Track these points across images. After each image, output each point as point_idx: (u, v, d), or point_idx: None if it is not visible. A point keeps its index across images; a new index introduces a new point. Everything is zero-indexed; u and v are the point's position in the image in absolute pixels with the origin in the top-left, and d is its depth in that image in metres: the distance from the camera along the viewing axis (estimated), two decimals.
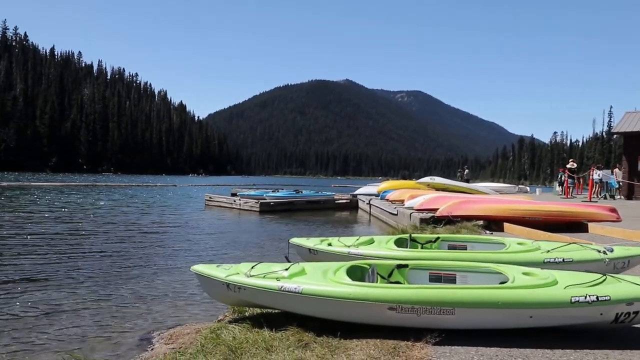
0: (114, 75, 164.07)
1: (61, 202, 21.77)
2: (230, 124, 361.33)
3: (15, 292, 5.95)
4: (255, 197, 21.58)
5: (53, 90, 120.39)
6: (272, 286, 3.94)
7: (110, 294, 6.09)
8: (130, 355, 4.04)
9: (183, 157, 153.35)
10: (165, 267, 7.96)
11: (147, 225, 14.10)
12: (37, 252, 8.90)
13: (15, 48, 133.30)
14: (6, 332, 4.55)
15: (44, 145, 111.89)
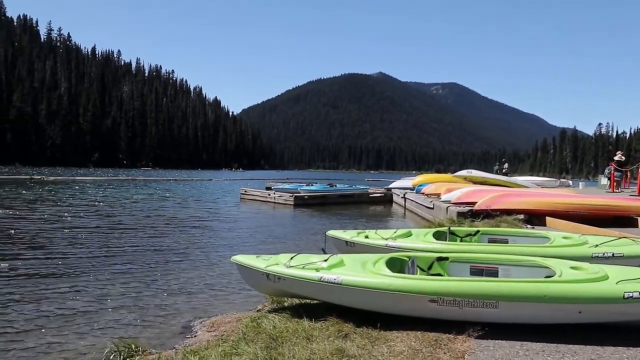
0: (152, 73, 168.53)
1: (103, 196, 22.64)
2: (264, 118, 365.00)
3: (65, 282, 6.23)
4: (289, 190, 21.73)
5: (95, 88, 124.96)
6: (312, 277, 3.96)
7: (153, 283, 6.28)
8: (175, 341, 4.16)
9: (218, 152, 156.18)
10: (205, 258, 8.14)
11: (184, 218, 14.46)
12: (82, 244, 9.29)
13: (60, 48, 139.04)
14: (58, 317, 4.77)
15: (87, 142, 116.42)
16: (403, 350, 3.29)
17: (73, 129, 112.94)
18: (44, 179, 38.64)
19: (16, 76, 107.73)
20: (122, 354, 3.63)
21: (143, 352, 3.74)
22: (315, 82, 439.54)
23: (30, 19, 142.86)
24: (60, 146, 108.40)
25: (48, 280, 6.26)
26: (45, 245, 8.92)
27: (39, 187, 27.88)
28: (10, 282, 6.07)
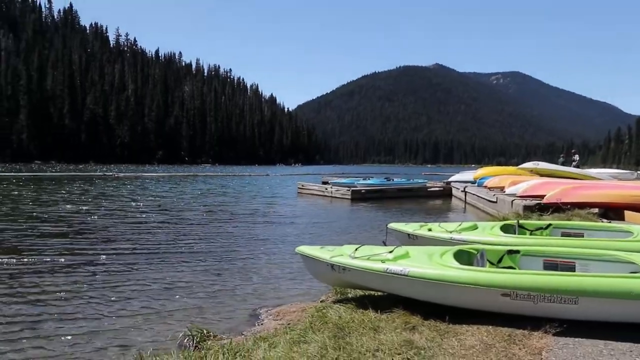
0: (211, 72, 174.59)
1: (167, 191, 23.79)
2: (319, 114, 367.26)
3: (138, 271, 6.60)
4: (346, 185, 21.73)
5: (158, 89, 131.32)
6: (378, 268, 3.93)
7: (219, 273, 6.51)
8: (243, 328, 4.29)
9: (274, 148, 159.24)
10: (267, 250, 8.33)
11: (244, 212, 14.87)
12: (151, 237, 9.80)
13: (127, 52, 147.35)
14: (134, 300, 5.07)
15: (152, 140, 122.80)
16: (474, 344, 3.19)
17: (139, 129, 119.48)
18: (115, 175, 41.23)
19: (89, 80, 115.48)
20: (195, 338, 3.79)
21: (214, 337, 3.88)
22: (370, 76, 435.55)
23: (101, 26, 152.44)
24: (128, 145, 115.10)
25: (123, 269, 6.66)
26: (118, 237, 9.50)
27: (111, 183, 29.80)
28: (91, 271, 6.51)
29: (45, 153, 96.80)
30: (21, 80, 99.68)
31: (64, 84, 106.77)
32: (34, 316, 4.55)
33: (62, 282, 5.73)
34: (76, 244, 8.38)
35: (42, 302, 4.96)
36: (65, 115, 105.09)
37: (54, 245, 8.09)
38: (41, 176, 37.28)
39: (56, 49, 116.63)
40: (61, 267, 6.46)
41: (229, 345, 3.32)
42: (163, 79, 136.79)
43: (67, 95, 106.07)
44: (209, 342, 3.70)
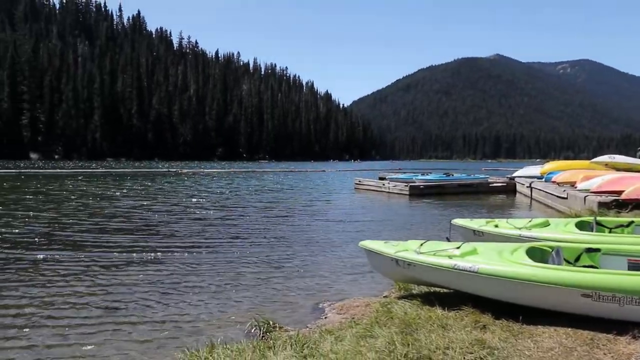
0: (267, 71, 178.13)
1: (227, 187, 24.57)
2: (374, 109, 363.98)
3: (201, 264, 6.85)
4: (404, 180, 21.39)
5: (218, 89, 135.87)
6: (445, 264, 3.82)
7: (281, 266, 6.62)
8: (307, 320, 4.33)
9: (330, 144, 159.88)
10: (326, 244, 8.37)
11: (302, 207, 15.05)
12: (213, 230, 10.16)
13: (189, 54, 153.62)
14: (200, 292, 5.26)
15: (212, 138, 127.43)
16: (553, 347, 3.01)
17: (200, 127, 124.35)
18: (179, 171, 43.20)
19: (155, 82, 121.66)
20: (262, 328, 3.88)
21: (280, 328, 3.95)
22: (427, 70, 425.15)
23: (166, 30, 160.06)
24: (190, 143, 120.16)
25: (188, 262, 6.94)
26: (182, 232, 9.92)
27: (175, 179, 31.27)
28: (157, 264, 6.85)
29: (116, 151, 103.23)
30: (95, 83, 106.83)
31: (133, 86, 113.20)
32: (109, 306, 4.84)
33: (132, 275, 6.06)
34: (142, 239, 8.85)
35: (114, 293, 5.27)
36: (133, 115, 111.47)
37: (121, 241, 8.59)
38: (110, 173, 39.79)
39: (126, 53, 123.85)
40: (129, 262, 6.84)
41: (296, 337, 3.36)
42: (222, 79, 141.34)
43: (135, 97, 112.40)
44: (275, 333, 3.77)
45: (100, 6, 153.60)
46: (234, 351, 3.17)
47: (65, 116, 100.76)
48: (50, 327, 4.15)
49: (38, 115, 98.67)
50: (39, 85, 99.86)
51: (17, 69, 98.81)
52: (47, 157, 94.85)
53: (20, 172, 37.35)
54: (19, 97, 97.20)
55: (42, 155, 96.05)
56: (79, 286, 5.45)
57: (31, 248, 7.46)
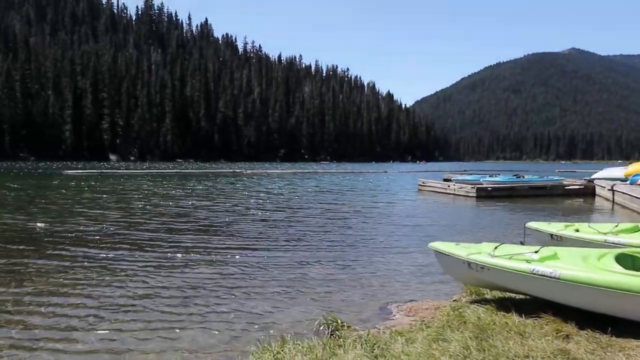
0: (329, 73, 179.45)
1: (290, 187, 25.00)
2: (438, 109, 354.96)
3: (267, 263, 7.00)
4: (470, 182, 20.65)
5: (281, 91, 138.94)
6: (522, 268, 3.62)
7: (345, 267, 6.62)
8: (374, 320, 4.29)
9: (391, 145, 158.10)
10: (390, 245, 8.27)
11: (365, 208, 14.97)
12: (277, 229, 10.35)
13: (253, 58, 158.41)
14: (267, 289, 5.38)
15: (275, 139, 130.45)
16: None
17: (264, 129, 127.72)
18: (244, 172, 44.63)
19: (221, 86, 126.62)
20: (330, 327, 3.89)
21: (348, 327, 3.94)
22: (494, 67, 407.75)
23: (231, 36, 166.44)
24: (254, 144, 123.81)
25: (255, 260, 7.13)
26: (247, 231, 10.21)
27: (239, 180, 32.36)
28: (225, 263, 7.09)
29: (186, 153, 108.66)
30: (167, 89, 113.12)
31: (201, 91, 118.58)
32: (181, 303, 5.07)
33: (202, 272, 6.31)
34: (209, 238, 9.22)
35: (185, 289, 5.51)
36: (201, 118, 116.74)
37: (189, 240, 8.98)
38: (179, 174, 41.87)
39: (194, 59, 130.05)
40: (198, 260, 7.12)
41: (366, 337, 3.34)
42: (285, 81, 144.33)
43: (203, 100, 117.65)
44: (343, 332, 3.76)
45: (172, 16, 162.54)
46: (304, 347, 3.20)
47: (140, 120, 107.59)
48: (126, 321, 4.42)
49: (117, 119, 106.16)
50: (118, 92, 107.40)
51: (99, 78, 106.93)
52: (124, 159, 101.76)
53: (101, 172, 40.35)
54: (100, 103, 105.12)
55: (120, 156, 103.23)
56: (152, 282, 5.77)
57: (103, 246, 7.98)
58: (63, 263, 6.56)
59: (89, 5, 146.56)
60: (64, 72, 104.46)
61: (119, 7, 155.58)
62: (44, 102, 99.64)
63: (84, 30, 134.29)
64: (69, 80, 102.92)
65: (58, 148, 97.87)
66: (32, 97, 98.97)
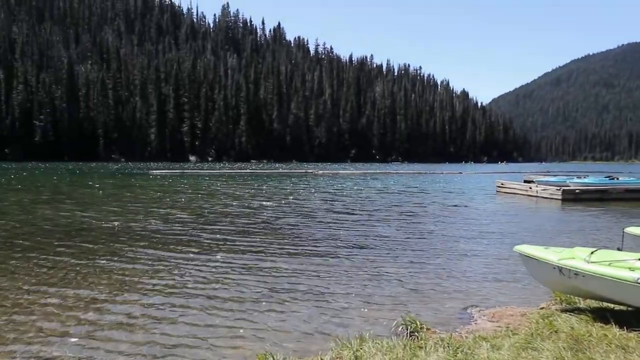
0: (400, 72, 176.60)
1: (361, 187, 24.92)
2: (517, 106, 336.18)
3: (341, 262, 7.00)
4: (555, 183, 19.29)
5: (352, 92, 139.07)
6: (624, 277, 3.31)
7: (422, 268, 6.46)
8: (454, 324, 4.13)
9: (465, 145, 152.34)
10: (468, 248, 7.95)
11: (440, 209, 14.52)
12: (350, 229, 10.34)
13: (324, 60, 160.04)
14: (343, 287, 5.39)
15: (346, 140, 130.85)
16: None
17: (335, 129, 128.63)
18: (315, 172, 45.22)
19: (293, 88, 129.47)
20: (409, 328, 3.80)
21: (427, 329, 3.83)
22: (581, 60, 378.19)
23: (303, 38, 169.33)
24: (325, 145, 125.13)
25: (329, 258, 7.18)
26: (324, 229, 10.30)
27: (312, 179, 32.82)
28: (300, 261, 7.19)
29: (259, 153, 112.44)
30: (242, 92, 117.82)
31: (273, 93, 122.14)
32: (257, 300, 5.22)
33: (278, 269, 6.46)
34: (284, 237, 9.41)
35: (260, 288, 5.67)
36: (274, 120, 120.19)
37: (264, 239, 9.21)
38: (253, 174, 43.29)
39: (267, 62, 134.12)
40: (271, 259, 7.30)
41: (449, 340, 3.23)
42: (356, 82, 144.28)
43: (276, 102, 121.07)
44: (422, 333, 3.67)
45: (247, 21, 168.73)
46: (384, 347, 3.16)
47: (217, 122, 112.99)
48: (207, 315, 4.63)
49: (196, 122, 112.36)
50: (197, 96, 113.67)
51: (180, 83, 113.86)
52: (203, 159, 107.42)
53: (183, 172, 42.88)
54: (181, 107, 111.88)
55: (199, 157, 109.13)
56: (229, 279, 6.00)
57: (180, 246, 8.42)
58: (142, 260, 7.05)
59: (172, 16, 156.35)
60: (149, 80, 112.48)
61: (198, 16, 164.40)
62: (132, 108, 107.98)
63: (167, 40, 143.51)
64: (154, 87, 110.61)
65: (144, 150, 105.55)
66: (122, 104, 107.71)
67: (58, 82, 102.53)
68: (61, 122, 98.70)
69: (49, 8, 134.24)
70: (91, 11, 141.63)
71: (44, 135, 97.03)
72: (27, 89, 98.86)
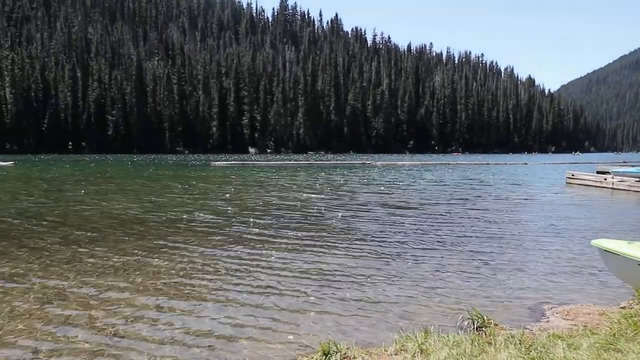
0: (461, 60, 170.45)
1: (423, 178, 24.37)
2: (589, 93, 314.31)
3: (406, 254, 6.88)
4: (634, 174, 17.86)
5: (410, 82, 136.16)
6: None
7: (488, 262, 6.20)
8: (524, 320, 3.93)
9: (531, 134, 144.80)
10: (537, 241, 7.54)
11: (506, 201, 13.89)
12: (413, 221, 10.12)
13: (382, 50, 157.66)
14: (408, 278, 5.29)
15: (404, 130, 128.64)
16: None
17: (392, 120, 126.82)
18: (373, 163, 44.84)
19: (350, 79, 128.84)
20: (476, 322, 3.67)
21: (495, 325, 3.67)
22: None
23: (361, 29, 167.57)
24: (382, 136, 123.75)
25: (391, 251, 7.07)
26: (387, 219, 10.16)
27: (370, 171, 32.56)
28: (366, 249, 7.15)
29: (316, 144, 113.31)
30: (299, 84, 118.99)
31: (331, 84, 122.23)
32: (318, 289, 5.24)
33: (335, 262, 6.46)
34: (345, 228, 9.37)
35: (321, 277, 5.68)
36: (331, 111, 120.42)
37: (324, 230, 9.22)
38: (312, 165, 43.61)
39: (325, 54, 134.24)
40: (330, 249, 7.29)
41: (520, 337, 3.07)
42: (414, 71, 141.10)
43: (333, 94, 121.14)
44: (490, 329, 3.52)
45: (304, 14, 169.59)
46: (451, 341, 3.06)
47: (276, 115, 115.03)
48: (265, 307, 4.71)
49: (255, 115, 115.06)
50: (256, 89, 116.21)
51: (240, 77, 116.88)
52: (262, 151, 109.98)
53: (243, 163, 44.12)
54: (241, 100, 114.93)
55: (258, 149, 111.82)
56: (291, 266, 6.08)
57: (241, 237, 8.63)
58: (208, 248, 7.31)
59: (232, 11, 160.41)
60: (211, 74, 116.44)
61: (257, 11, 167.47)
62: (195, 102, 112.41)
63: (228, 35, 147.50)
64: (216, 81, 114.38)
65: (207, 142, 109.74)
66: (186, 98, 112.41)
67: (128, 78, 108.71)
68: (131, 116, 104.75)
69: (120, 8, 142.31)
70: (157, 10, 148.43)
71: (116, 129, 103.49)
72: (101, 85, 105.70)
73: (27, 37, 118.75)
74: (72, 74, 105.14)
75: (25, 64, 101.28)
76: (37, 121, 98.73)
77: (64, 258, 6.13)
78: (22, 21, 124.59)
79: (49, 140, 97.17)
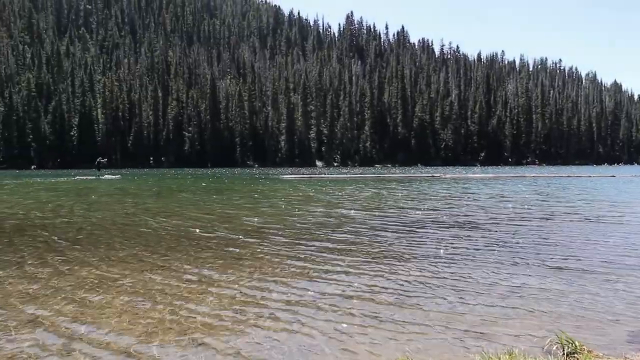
0: (536, 67, 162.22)
1: (498, 192, 23.23)
2: None
3: (476, 270, 6.51)
4: None
5: (480, 91, 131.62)
6: None
7: (574, 280, 5.71)
8: (623, 349, 3.53)
9: (618, 144, 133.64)
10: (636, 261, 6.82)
11: (595, 216, 12.80)
12: (486, 235, 9.61)
13: (450, 60, 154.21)
14: (485, 293, 4.97)
15: (475, 142, 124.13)
16: None
17: (462, 131, 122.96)
18: (442, 176, 43.57)
19: (418, 90, 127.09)
20: (566, 348, 3.34)
21: (589, 352, 3.32)
22: None
23: (428, 40, 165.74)
24: (452, 147, 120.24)
25: (462, 265, 6.72)
26: (451, 235, 9.76)
27: (441, 184, 31.63)
28: (432, 266, 6.87)
29: (383, 157, 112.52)
30: (366, 97, 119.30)
31: (397, 97, 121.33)
32: (389, 306, 5.08)
33: (409, 275, 6.24)
34: (418, 239, 9.10)
35: (391, 293, 5.51)
36: (398, 124, 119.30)
37: (394, 242, 8.98)
38: (380, 178, 43.22)
39: (391, 67, 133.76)
40: (400, 263, 7.06)
41: None
42: (485, 80, 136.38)
43: (400, 106, 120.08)
44: (582, 355, 3.18)
45: (370, 28, 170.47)
46: None
47: (342, 128, 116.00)
48: (323, 323, 4.62)
49: (322, 129, 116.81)
50: (323, 104, 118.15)
51: (307, 92, 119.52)
52: (328, 164, 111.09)
53: (312, 176, 44.73)
54: (309, 115, 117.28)
55: (325, 162, 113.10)
56: (359, 283, 5.95)
57: (308, 244, 8.62)
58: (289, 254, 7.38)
59: (300, 29, 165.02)
60: (280, 90, 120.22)
61: (324, 27, 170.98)
62: (264, 117, 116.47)
63: (296, 51, 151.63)
64: (284, 97, 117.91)
65: (275, 156, 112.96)
66: (256, 113, 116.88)
67: (203, 96, 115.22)
68: (205, 132, 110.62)
69: (196, 32, 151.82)
70: (230, 31, 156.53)
71: (192, 144, 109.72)
72: (179, 104, 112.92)
73: (116, 62, 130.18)
74: (154, 94, 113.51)
75: (114, 87, 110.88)
76: (123, 138, 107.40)
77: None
78: (112, 48, 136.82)
79: (133, 156, 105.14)
